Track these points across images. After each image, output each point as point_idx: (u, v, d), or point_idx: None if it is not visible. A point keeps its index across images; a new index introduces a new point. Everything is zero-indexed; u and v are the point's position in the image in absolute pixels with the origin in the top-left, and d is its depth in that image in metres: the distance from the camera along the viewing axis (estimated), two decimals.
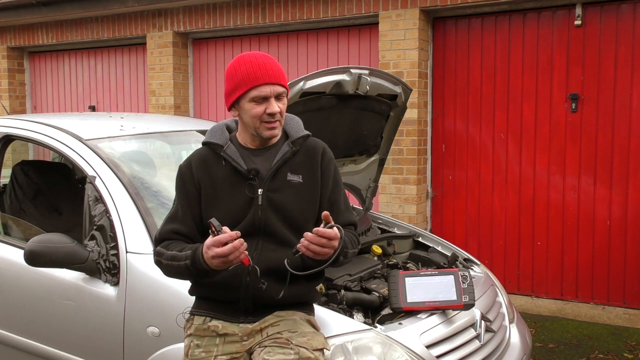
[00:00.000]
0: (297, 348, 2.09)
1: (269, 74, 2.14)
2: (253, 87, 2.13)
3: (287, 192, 2.21)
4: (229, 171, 2.22)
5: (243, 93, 2.15)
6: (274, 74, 2.15)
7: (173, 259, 2.14)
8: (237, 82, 2.16)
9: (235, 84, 2.17)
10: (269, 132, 2.18)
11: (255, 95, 2.13)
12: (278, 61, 2.23)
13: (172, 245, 2.20)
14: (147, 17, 7.40)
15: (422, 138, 6.00)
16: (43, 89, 8.82)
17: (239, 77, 2.16)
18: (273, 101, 2.14)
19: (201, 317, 2.24)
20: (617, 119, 5.37)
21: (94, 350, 2.87)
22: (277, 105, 2.15)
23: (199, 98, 7.52)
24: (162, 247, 2.22)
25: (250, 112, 2.16)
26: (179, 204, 2.26)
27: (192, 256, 2.08)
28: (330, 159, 2.31)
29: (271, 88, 2.14)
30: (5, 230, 3.77)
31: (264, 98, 2.14)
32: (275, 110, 2.14)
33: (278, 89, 2.15)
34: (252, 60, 2.16)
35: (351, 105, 3.35)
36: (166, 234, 2.25)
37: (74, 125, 3.42)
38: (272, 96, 2.14)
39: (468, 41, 5.91)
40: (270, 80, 2.14)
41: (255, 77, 2.13)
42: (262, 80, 2.13)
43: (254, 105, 2.15)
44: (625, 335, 4.93)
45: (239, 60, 2.19)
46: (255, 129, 2.19)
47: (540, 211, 5.70)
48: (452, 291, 2.74)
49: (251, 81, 2.13)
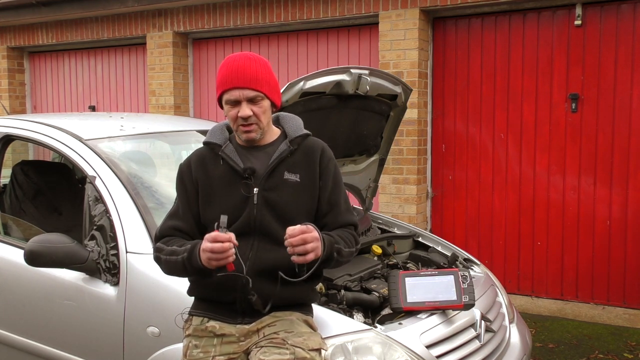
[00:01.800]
0: (292, 348, 2.10)
1: (239, 78, 2.15)
2: (225, 91, 2.18)
3: (284, 191, 2.21)
4: (226, 170, 2.23)
5: (219, 96, 2.22)
6: (245, 79, 2.15)
7: (172, 253, 2.17)
8: (217, 84, 2.23)
9: (216, 85, 2.24)
10: (245, 135, 2.21)
11: (227, 99, 2.18)
12: (267, 63, 2.24)
13: (172, 241, 2.23)
14: (147, 17, 7.40)
15: (422, 138, 6.00)
16: (43, 89, 8.82)
17: (217, 79, 2.22)
18: (244, 105, 2.16)
19: (199, 318, 2.25)
20: (617, 119, 5.37)
21: (94, 350, 2.87)
22: (252, 108, 2.16)
23: (199, 98, 7.52)
24: (162, 242, 2.24)
25: (227, 114, 2.21)
26: (179, 202, 2.29)
27: (190, 250, 2.11)
28: (330, 158, 2.30)
29: (240, 92, 2.15)
30: (5, 230, 3.77)
31: (235, 102, 2.17)
32: (246, 114, 2.16)
33: (248, 93, 2.16)
34: (229, 64, 2.19)
35: (351, 105, 3.35)
36: (166, 231, 2.27)
37: (74, 125, 3.42)
38: (243, 100, 2.16)
39: (468, 41, 5.91)
40: (239, 84, 2.15)
41: (226, 81, 2.17)
42: (231, 84, 2.16)
43: (229, 107, 2.20)
44: (625, 335, 4.93)
45: (223, 62, 2.24)
46: (235, 131, 2.24)
47: (540, 211, 5.70)
48: (452, 291, 2.74)
49: (223, 84, 2.18)
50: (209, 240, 2.03)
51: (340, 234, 2.22)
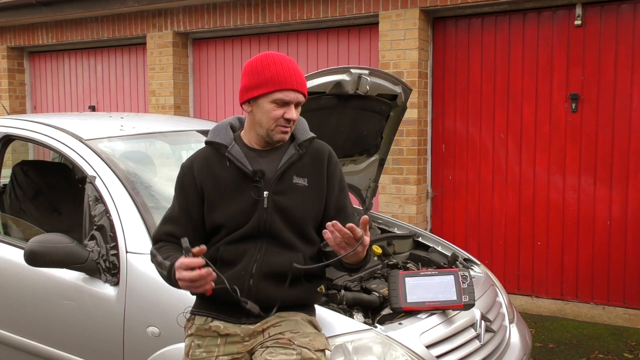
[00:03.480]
0: (299, 348, 2.09)
1: (297, 81, 2.15)
2: (280, 90, 2.12)
3: (293, 195, 2.20)
4: (234, 172, 2.20)
5: (267, 92, 2.13)
6: (301, 82, 2.17)
7: (159, 265, 2.16)
8: (263, 80, 2.13)
9: (260, 81, 2.14)
10: (281, 135, 2.18)
11: (279, 98, 2.13)
12: None
13: (163, 249, 2.20)
14: (147, 17, 7.40)
15: (422, 138, 6.00)
16: (43, 89, 8.82)
17: (266, 76, 2.13)
18: (293, 107, 2.15)
19: (202, 317, 2.24)
20: (617, 119, 5.37)
21: (94, 350, 2.87)
22: (295, 112, 2.17)
23: (199, 98, 7.52)
24: (155, 249, 2.23)
25: (269, 113, 2.14)
26: (177, 205, 2.26)
27: (169, 269, 2.08)
28: (336, 163, 2.31)
29: (295, 95, 2.15)
30: (5, 230, 3.77)
31: (286, 103, 2.14)
32: (294, 117, 2.15)
33: (300, 98, 2.17)
34: (282, 62, 2.15)
35: (351, 105, 3.35)
36: (160, 236, 2.26)
37: (74, 125, 3.41)
38: (294, 103, 2.15)
39: (468, 41, 5.91)
40: (297, 87, 2.15)
41: (284, 80, 2.12)
42: (290, 85, 2.13)
43: (274, 107, 2.14)
44: (625, 335, 4.93)
45: (267, 59, 2.16)
46: (268, 129, 2.17)
47: (540, 211, 5.70)
48: (452, 291, 2.74)
49: (280, 83, 2.12)
50: (182, 268, 1.96)
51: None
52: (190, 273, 1.95)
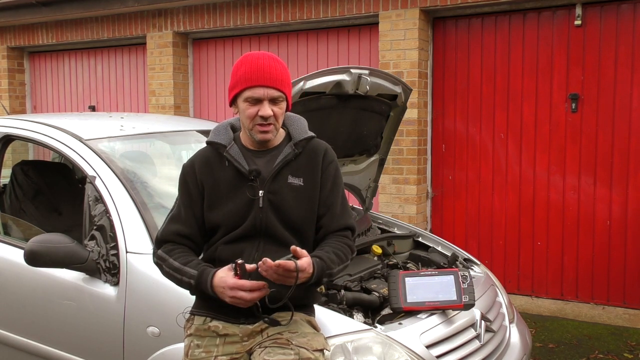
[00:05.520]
0: (297, 348, 2.09)
1: (265, 77, 2.14)
2: (247, 88, 2.14)
3: (288, 195, 2.20)
4: (232, 172, 2.22)
5: (239, 92, 2.17)
6: (271, 78, 2.14)
7: (177, 271, 2.16)
8: (236, 80, 2.18)
9: (235, 81, 2.19)
10: (261, 135, 2.18)
11: (249, 96, 2.14)
12: (286, 64, 2.23)
13: (176, 253, 2.20)
14: (147, 17, 7.40)
15: (422, 138, 6.00)
16: (43, 89, 8.82)
17: (238, 75, 2.17)
18: (266, 104, 2.14)
19: (201, 317, 2.24)
20: (617, 119, 5.37)
21: (94, 350, 2.87)
22: (272, 109, 2.15)
23: (199, 98, 7.52)
24: (165, 251, 2.22)
25: (244, 112, 2.17)
26: (182, 204, 2.26)
27: (197, 278, 2.11)
28: (331, 161, 2.29)
29: (265, 91, 2.13)
30: (5, 230, 3.77)
31: (257, 100, 2.14)
32: (267, 113, 2.14)
33: (272, 93, 2.15)
34: (253, 61, 2.16)
35: (351, 105, 3.35)
36: (168, 236, 2.24)
37: (74, 125, 3.42)
38: (266, 99, 2.14)
39: (468, 41, 5.91)
40: (265, 83, 2.13)
41: (250, 78, 2.14)
42: (256, 82, 2.13)
43: (248, 105, 2.16)
44: (625, 335, 4.93)
45: (243, 59, 2.20)
46: (249, 130, 2.19)
47: (540, 211, 5.70)
48: (452, 291, 2.74)
49: (246, 81, 2.14)
50: (239, 289, 2.02)
51: (335, 249, 2.18)
52: (252, 294, 2.02)
